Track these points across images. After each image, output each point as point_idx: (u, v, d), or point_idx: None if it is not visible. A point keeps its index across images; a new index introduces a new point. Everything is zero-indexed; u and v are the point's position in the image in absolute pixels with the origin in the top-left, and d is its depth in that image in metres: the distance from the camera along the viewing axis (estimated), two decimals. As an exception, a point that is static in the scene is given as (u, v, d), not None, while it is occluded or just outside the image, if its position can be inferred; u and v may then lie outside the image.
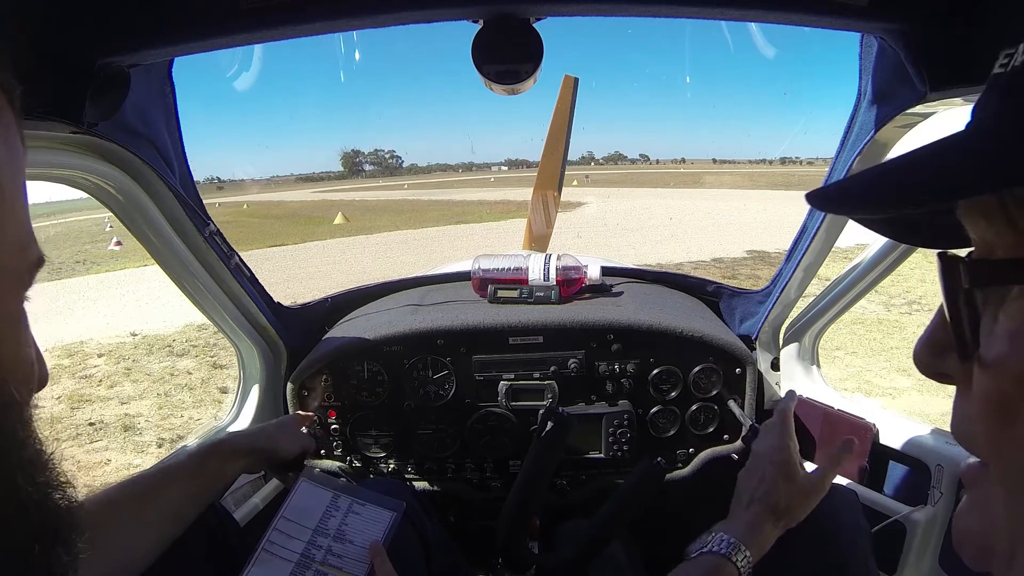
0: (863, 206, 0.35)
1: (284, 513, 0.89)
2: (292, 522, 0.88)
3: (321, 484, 0.94)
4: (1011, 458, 0.29)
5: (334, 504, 0.91)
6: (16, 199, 0.33)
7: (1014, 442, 0.28)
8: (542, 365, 1.28)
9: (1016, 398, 0.28)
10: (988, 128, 0.32)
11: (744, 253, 10.21)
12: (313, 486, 0.93)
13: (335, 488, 0.93)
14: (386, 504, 0.93)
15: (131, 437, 3.86)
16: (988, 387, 0.30)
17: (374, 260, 11.19)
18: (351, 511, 0.91)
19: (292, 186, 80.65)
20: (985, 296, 0.30)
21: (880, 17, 0.68)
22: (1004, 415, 0.28)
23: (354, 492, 0.94)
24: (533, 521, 1.18)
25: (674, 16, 0.73)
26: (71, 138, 0.77)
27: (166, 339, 6.03)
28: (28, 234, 0.34)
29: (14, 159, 0.33)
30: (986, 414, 0.30)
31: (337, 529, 0.88)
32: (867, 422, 1.20)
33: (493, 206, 23.87)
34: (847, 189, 0.36)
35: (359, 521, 0.90)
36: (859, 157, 0.95)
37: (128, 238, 10.12)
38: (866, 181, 0.34)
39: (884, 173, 0.34)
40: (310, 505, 0.90)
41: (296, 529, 0.87)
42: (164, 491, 0.81)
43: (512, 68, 0.75)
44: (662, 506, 1.25)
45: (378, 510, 0.92)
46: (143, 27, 0.67)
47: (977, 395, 0.30)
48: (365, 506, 0.92)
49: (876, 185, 0.33)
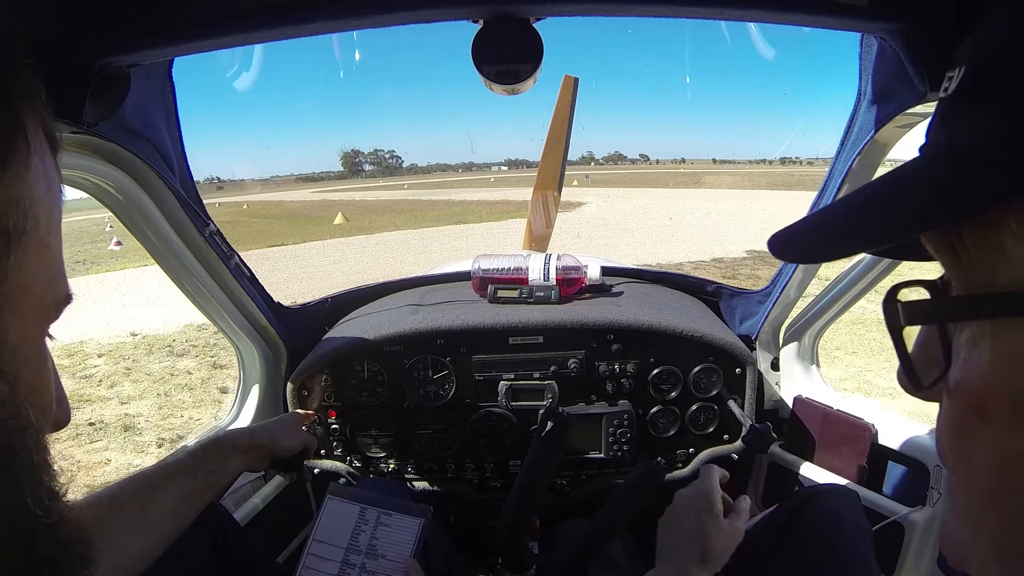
0: (822, 254, 0.38)
1: (316, 536, 0.89)
2: (324, 543, 0.89)
3: (347, 499, 0.93)
4: (966, 477, 0.32)
5: (362, 518, 0.91)
6: (50, 234, 0.34)
7: (968, 463, 0.31)
8: (542, 365, 1.28)
9: (968, 423, 0.31)
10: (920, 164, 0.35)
11: (744, 253, 10.20)
12: (340, 502, 0.93)
13: (361, 501, 0.93)
14: (412, 511, 0.92)
15: (131, 437, 3.86)
16: (948, 408, 0.32)
17: (374, 260, 11.19)
18: (379, 523, 0.91)
19: (292, 186, 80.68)
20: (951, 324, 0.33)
21: (880, 17, 0.68)
22: (961, 436, 0.31)
23: (379, 502, 0.93)
24: (533, 521, 1.18)
25: (674, 16, 0.73)
26: (71, 138, 0.77)
27: (166, 339, 6.03)
28: (59, 271, 0.35)
29: (52, 197, 0.34)
30: (948, 434, 0.32)
31: (368, 544, 0.89)
32: (866, 422, 1.20)
33: (493, 206, 23.87)
34: (800, 241, 0.39)
35: (388, 532, 0.90)
36: (859, 157, 0.95)
37: (128, 238, 10.12)
38: (812, 233, 0.38)
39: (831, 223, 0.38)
40: (339, 523, 0.91)
41: (329, 550, 0.88)
42: (164, 488, 0.81)
43: (512, 68, 0.75)
44: (662, 506, 1.25)
45: (405, 519, 0.91)
46: (143, 27, 0.67)
47: (940, 417, 0.33)
48: (392, 516, 0.91)
49: (825, 237, 0.37)
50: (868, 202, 0.36)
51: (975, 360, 0.31)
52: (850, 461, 1.22)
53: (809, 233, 0.39)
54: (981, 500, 0.31)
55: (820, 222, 0.39)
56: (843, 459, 1.23)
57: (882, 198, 0.35)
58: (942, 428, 0.33)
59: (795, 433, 1.35)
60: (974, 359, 0.31)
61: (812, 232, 0.38)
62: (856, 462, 1.20)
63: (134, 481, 0.81)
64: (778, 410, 1.42)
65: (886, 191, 0.35)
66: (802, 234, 0.39)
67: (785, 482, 1.36)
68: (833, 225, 0.38)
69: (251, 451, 0.96)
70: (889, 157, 0.98)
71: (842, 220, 0.37)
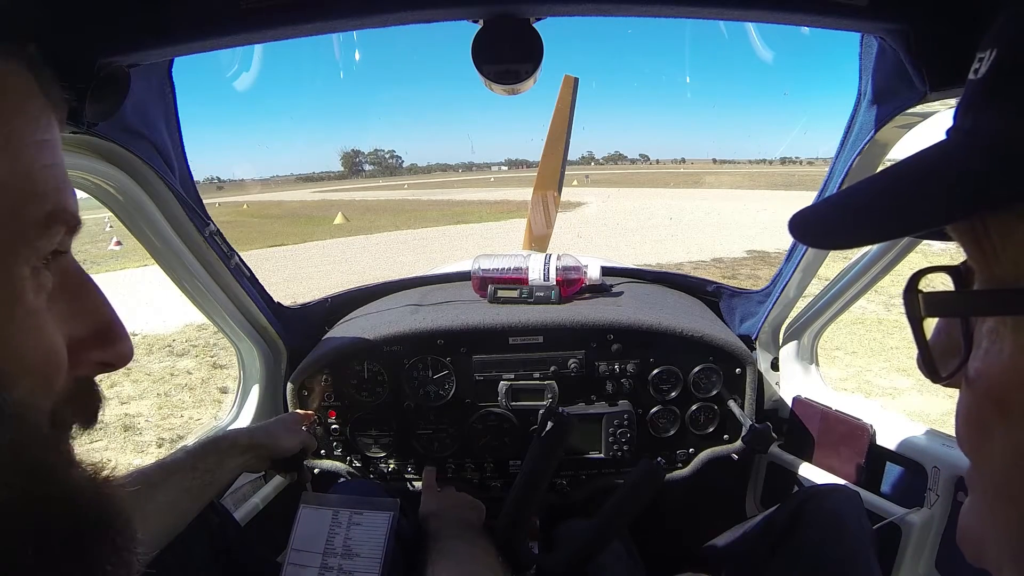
0: (850, 240, 0.37)
1: (293, 545, 0.92)
2: (301, 551, 0.91)
3: (320, 505, 0.96)
4: (986, 468, 0.31)
5: (336, 521, 0.93)
6: (11, 144, 0.30)
7: (985, 454, 0.31)
8: (542, 365, 1.28)
9: (986, 415, 0.30)
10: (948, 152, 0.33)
11: (744, 253, 10.20)
12: (313, 509, 0.95)
13: (333, 505, 0.96)
14: (381, 506, 0.95)
15: (131, 437, 3.86)
16: (967, 400, 0.32)
17: (374, 260, 11.19)
18: (352, 523, 0.93)
19: (292, 186, 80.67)
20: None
21: (880, 17, 0.68)
22: (978, 428, 0.31)
23: (350, 503, 0.96)
24: (533, 521, 1.18)
25: (674, 16, 0.73)
26: (71, 138, 0.77)
27: (166, 339, 6.03)
28: (40, 183, 0.30)
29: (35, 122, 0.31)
30: (965, 424, 0.32)
31: (343, 545, 0.91)
32: (864, 423, 1.19)
33: (493, 206, 23.87)
34: (821, 227, 0.38)
35: (361, 531, 0.92)
36: (859, 157, 0.95)
37: (128, 238, 10.11)
38: (835, 219, 0.37)
39: (858, 212, 0.36)
40: (314, 529, 0.93)
41: (307, 557, 0.90)
42: (163, 485, 0.81)
43: (512, 68, 0.75)
44: (662, 506, 1.25)
45: (376, 515, 0.94)
46: (143, 27, 0.67)
47: (959, 405, 0.32)
48: (363, 514, 0.94)
49: (848, 223, 0.36)
50: (894, 189, 0.35)
51: (996, 352, 0.30)
52: (848, 461, 1.22)
53: (831, 218, 0.37)
54: (997, 493, 0.31)
55: (843, 207, 0.38)
56: (841, 459, 1.23)
57: (909, 184, 0.34)
58: (961, 417, 0.33)
59: (794, 433, 1.35)
60: (995, 351, 0.30)
61: (834, 217, 0.37)
62: (854, 462, 1.20)
63: (131, 479, 0.81)
64: (778, 410, 1.42)
65: (911, 178, 0.34)
66: (824, 219, 0.38)
67: (784, 482, 1.36)
68: (857, 211, 0.36)
69: (250, 451, 0.97)
70: (889, 157, 0.98)
71: (867, 206, 0.36)
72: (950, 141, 0.33)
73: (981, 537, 0.32)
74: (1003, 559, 0.31)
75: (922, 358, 0.34)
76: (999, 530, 0.31)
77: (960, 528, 0.35)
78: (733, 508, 1.48)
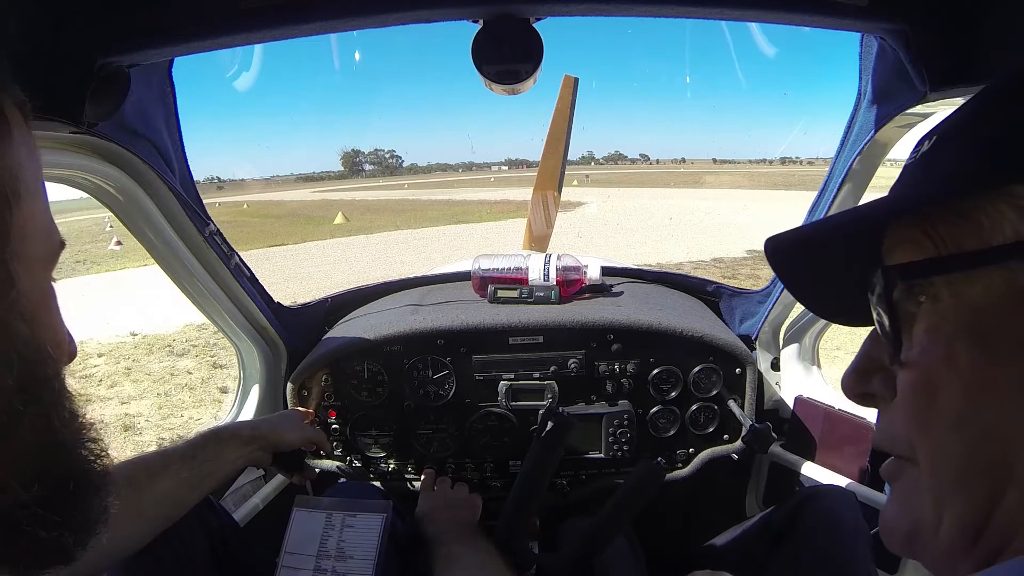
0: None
1: (287, 547, 0.92)
2: (295, 554, 0.91)
3: (313, 507, 0.96)
4: (935, 434, 0.33)
5: (329, 523, 0.94)
6: (38, 192, 0.40)
7: (937, 417, 0.32)
8: (542, 365, 1.28)
9: (938, 378, 0.32)
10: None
11: (744, 253, 10.20)
12: (306, 512, 0.96)
13: (326, 507, 0.96)
14: (374, 508, 0.95)
15: (131, 437, 3.86)
16: (914, 377, 0.34)
17: (374, 260, 11.19)
18: (345, 525, 0.93)
19: (292, 186, 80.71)
20: (906, 309, 0.35)
21: (880, 17, 0.68)
22: (929, 394, 0.33)
23: (343, 505, 0.96)
24: (533, 521, 1.18)
25: (674, 16, 0.73)
26: (71, 138, 0.77)
27: (166, 339, 6.03)
28: (51, 222, 0.42)
29: (33, 160, 0.40)
30: (912, 399, 0.34)
31: (337, 548, 0.91)
32: (868, 422, 1.19)
33: (493, 206, 23.86)
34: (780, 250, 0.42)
35: (354, 533, 0.93)
36: (859, 157, 0.95)
37: (128, 238, 10.11)
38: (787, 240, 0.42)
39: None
40: (307, 532, 0.93)
41: (301, 560, 0.90)
42: (161, 473, 0.81)
43: (512, 68, 0.75)
44: (662, 506, 1.25)
45: (368, 516, 0.94)
46: (143, 27, 0.67)
47: (902, 390, 0.35)
48: (356, 516, 0.94)
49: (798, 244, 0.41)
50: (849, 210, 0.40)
51: (932, 342, 0.33)
52: (851, 461, 1.22)
53: (785, 240, 0.41)
54: (952, 484, 0.32)
55: (800, 229, 0.42)
56: (844, 459, 1.23)
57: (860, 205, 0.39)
58: (902, 404, 0.35)
59: (796, 433, 1.35)
60: (931, 340, 0.33)
61: (788, 238, 0.41)
62: (858, 462, 1.20)
63: (130, 465, 0.81)
64: (778, 410, 1.42)
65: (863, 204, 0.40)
66: (783, 242, 0.41)
67: (786, 482, 1.36)
68: (808, 229, 0.41)
69: (253, 442, 0.96)
70: (889, 157, 0.98)
71: (820, 223, 0.41)
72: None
73: (913, 522, 0.35)
74: (955, 548, 0.32)
75: (891, 341, 0.36)
76: (950, 520, 0.32)
77: (884, 525, 0.37)
78: (733, 508, 1.48)
